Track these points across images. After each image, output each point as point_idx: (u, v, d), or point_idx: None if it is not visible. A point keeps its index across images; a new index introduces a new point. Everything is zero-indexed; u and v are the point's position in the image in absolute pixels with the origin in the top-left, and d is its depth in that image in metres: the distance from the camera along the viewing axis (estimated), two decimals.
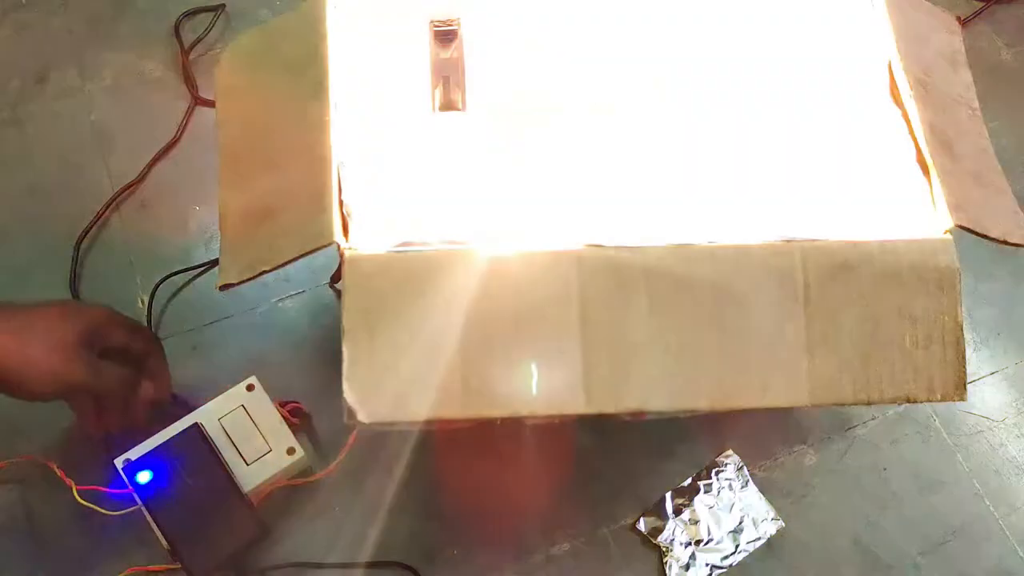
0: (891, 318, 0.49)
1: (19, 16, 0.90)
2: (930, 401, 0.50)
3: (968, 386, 0.76)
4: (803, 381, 0.49)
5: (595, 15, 0.64)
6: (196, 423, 0.66)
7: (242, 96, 0.55)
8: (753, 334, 0.49)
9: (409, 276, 0.48)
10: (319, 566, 0.66)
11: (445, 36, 0.60)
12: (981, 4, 0.96)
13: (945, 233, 0.51)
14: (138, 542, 0.65)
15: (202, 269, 0.77)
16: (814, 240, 0.50)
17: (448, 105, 0.57)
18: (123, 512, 0.64)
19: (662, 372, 0.48)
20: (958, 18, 0.63)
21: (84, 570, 0.65)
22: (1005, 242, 0.51)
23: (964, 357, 0.49)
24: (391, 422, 0.47)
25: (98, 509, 0.64)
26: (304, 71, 0.54)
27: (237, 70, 0.57)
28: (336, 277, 0.76)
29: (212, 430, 0.67)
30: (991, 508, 0.71)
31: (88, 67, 0.87)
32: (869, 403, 0.50)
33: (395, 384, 0.47)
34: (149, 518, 0.63)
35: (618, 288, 0.49)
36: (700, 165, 0.62)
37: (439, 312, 0.48)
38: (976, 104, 0.59)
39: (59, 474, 0.65)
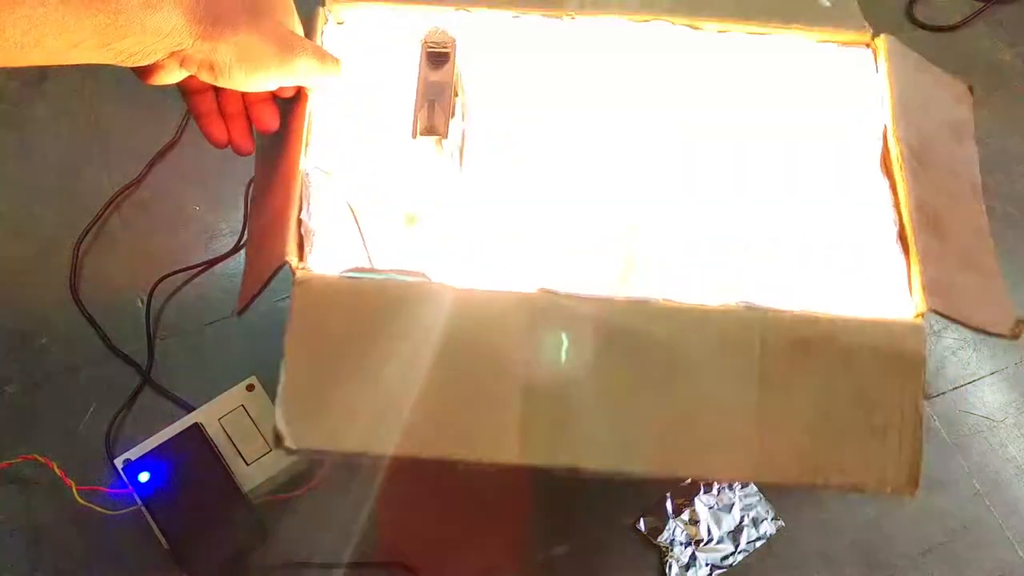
0: (848, 401, 0.46)
1: None
2: (879, 493, 0.47)
3: (968, 386, 0.77)
4: (749, 457, 0.46)
5: (591, 81, 0.62)
6: (196, 423, 0.66)
7: None
8: (702, 403, 0.46)
9: (357, 303, 0.47)
10: (319, 566, 0.66)
11: (437, 58, 0.58)
12: (981, 4, 0.96)
13: (916, 317, 0.47)
14: (138, 542, 0.65)
15: (201, 269, 0.77)
16: (777, 310, 0.47)
17: (430, 130, 0.56)
18: (123, 512, 0.64)
19: (603, 432, 0.46)
20: (970, 87, 0.60)
21: (84, 570, 0.65)
22: (984, 331, 0.48)
23: (920, 450, 0.46)
24: (321, 452, 0.46)
25: (98, 509, 0.64)
26: (294, 92, 0.53)
27: None
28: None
29: (212, 430, 0.67)
30: (991, 508, 0.71)
31: (88, 67, 0.87)
32: (814, 487, 0.47)
33: (330, 413, 0.46)
34: (149, 518, 0.63)
35: (567, 338, 0.46)
36: (681, 220, 0.61)
37: (383, 343, 0.46)
38: (978, 179, 0.55)
39: (59, 474, 0.65)
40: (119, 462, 0.66)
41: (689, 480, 0.70)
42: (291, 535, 0.68)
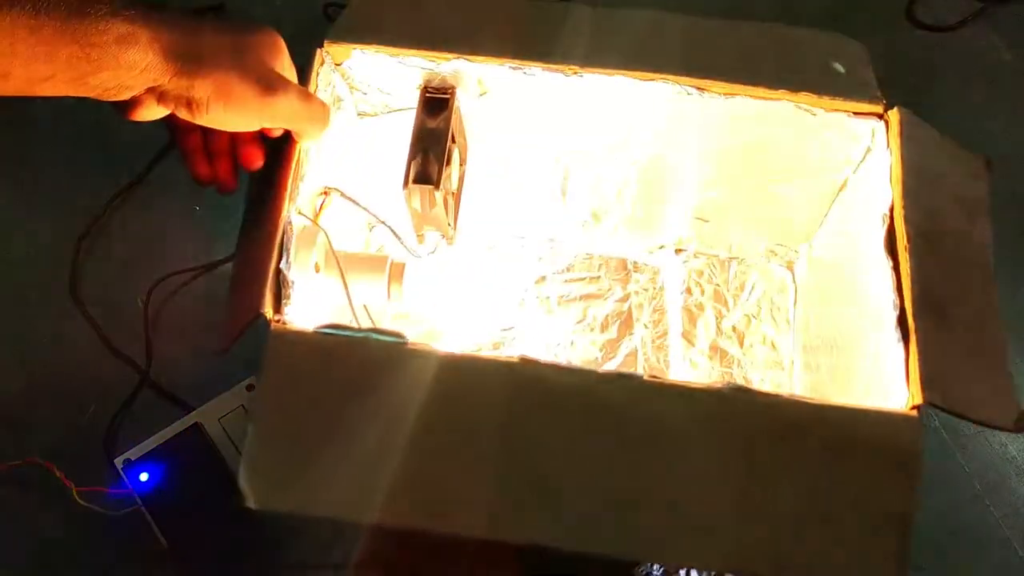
0: (835, 495, 0.44)
1: None
2: None
3: None
4: (722, 544, 0.44)
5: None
6: (196, 423, 0.66)
7: None
8: (681, 486, 0.44)
9: (333, 361, 0.45)
10: (319, 567, 0.66)
11: (436, 104, 0.57)
12: (981, 4, 0.96)
13: (911, 410, 0.45)
14: (138, 542, 0.65)
15: (201, 270, 0.77)
16: (766, 393, 0.45)
17: (422, 179, 0.54)
18: (123, 512, 0.64)
19: (574, 510, 0.44)
20: (987, 161, 0.56)
21: (84, 571, 0.66)
22: (986, 424, 0.46)
23: (909, 551, 0.43)
24: (287, 514, 0.45)
25: (98, 509, 0.65)
26: (283, 134, 0.52)
27: None
28: None
29: (212, 430, 0.67)
30: (991, 508, 0.71)
31: None
32: None
33: (298, 474, 0.44)
34: (149, 518, 0.63)
35: (547, 411, 0.45)
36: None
37: (357, 405, 0.45)
38: (990, 260, 0.52)
39: (59, 475, 0.65)
40: (119, 462, 0.66)
41: None
42: (291, 535, 0.67)
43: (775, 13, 0.92)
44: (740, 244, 0.70)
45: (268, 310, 0.46)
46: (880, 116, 0.55)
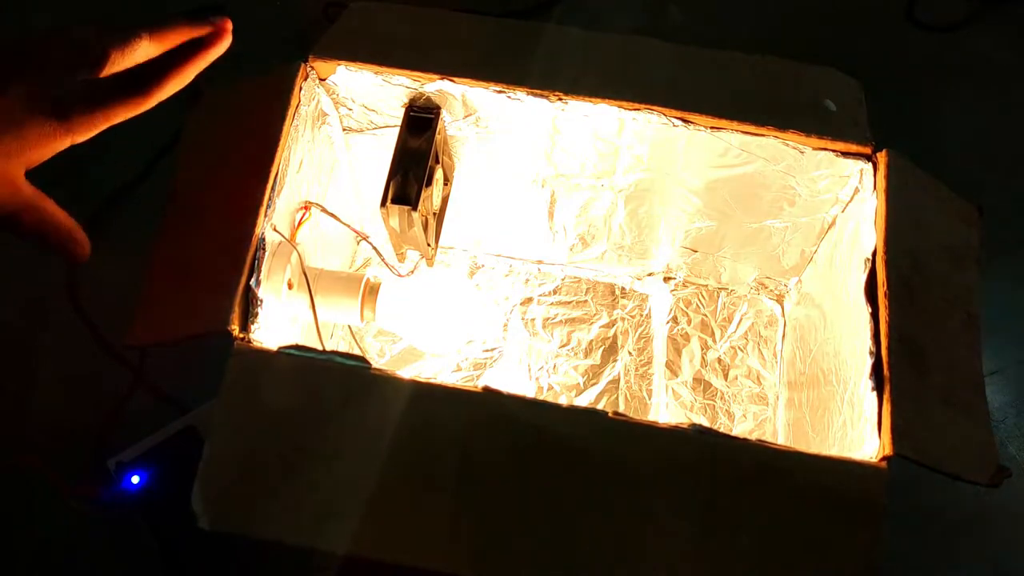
0: (798, 543, 0.42)
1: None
2: None
3: None
4: None
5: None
6: (191, 426, 0.67)
7: (206, 148, 0.53)
8: (639, 530, 0.43)
9: (295, 382, 0.45)
10: (312, 567, 0.67)
11: (420, 123, 0.56)
12: (981, 4, 0.93)
13: (880, 461, 0.44)
14: (130, 544, 0.66)
15: None
16: (730, 437, 0.44)
17: (401, 199, 0.54)
18: (115, 514, 0.65)
19: (529, 550, 0.43)
20: (979, 208, 0.53)
21: (75, 571, 0.67)
22: (959, 478, 0.44)
23: None
24: (239, 535, 0.44)
25: (90, 511, 0.65)
26: (257, 145, 0.51)
27: (207, 120, 0.54)
28: None
29: (206, 434, 0.67)
30: (991, 508, 0.69)
31: None
32: None
33: (252, 496, 0.44)
34: (141, 520, 0.64)
35: (506, 445, 0.44)
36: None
37: (315, 429, 0.44)
38: (975, 308, 0.50)
39: (52, 476, 0.66)
40: (111, 464, 0.66)
41: None
42: None
43: (777, 13, 0.89)
44: (730, 275, 0.69)
45: (234, 327, 0.45)
46: (868, 157, 0.54)
